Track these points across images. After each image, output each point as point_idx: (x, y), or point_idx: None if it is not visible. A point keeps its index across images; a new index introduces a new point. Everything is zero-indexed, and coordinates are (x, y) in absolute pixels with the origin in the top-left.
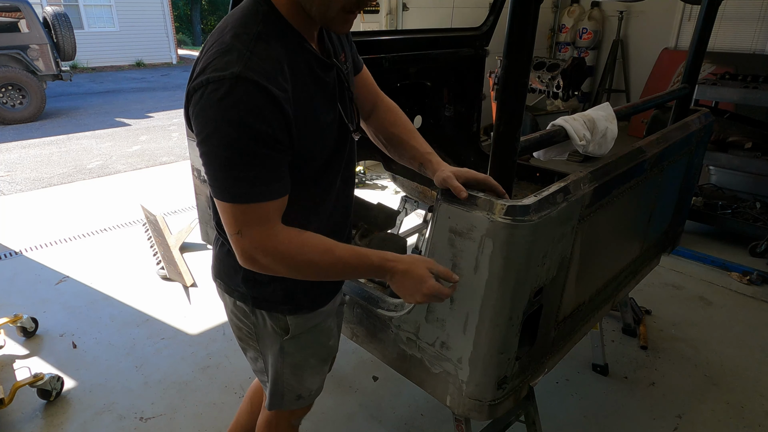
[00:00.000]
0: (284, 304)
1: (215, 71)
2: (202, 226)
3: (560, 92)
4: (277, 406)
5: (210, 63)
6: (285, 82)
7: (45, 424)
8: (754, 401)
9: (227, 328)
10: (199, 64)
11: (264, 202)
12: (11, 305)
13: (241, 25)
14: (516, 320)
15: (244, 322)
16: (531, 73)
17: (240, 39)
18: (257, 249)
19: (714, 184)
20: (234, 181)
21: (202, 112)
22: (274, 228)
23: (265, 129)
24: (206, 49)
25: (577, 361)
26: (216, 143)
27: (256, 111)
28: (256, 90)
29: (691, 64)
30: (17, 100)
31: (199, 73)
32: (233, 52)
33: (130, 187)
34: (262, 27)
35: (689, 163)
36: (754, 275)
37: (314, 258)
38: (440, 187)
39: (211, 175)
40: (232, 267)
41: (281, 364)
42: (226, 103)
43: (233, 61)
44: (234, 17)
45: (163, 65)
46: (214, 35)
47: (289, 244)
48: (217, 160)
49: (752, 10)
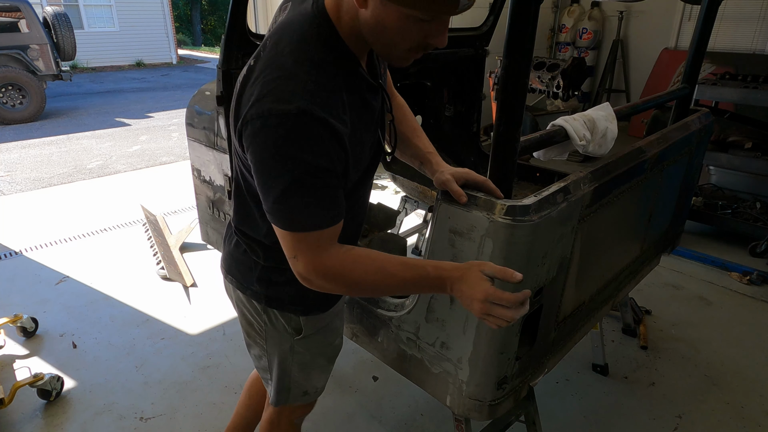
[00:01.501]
0: (297, 305)
1: (278, 102)
2: (202, 226)
3: (560, 92)
4: (283, 401)
5: (271, 90)
6: (344, 115)
7: (45, 424)
8: (754, 401)
9: (227, 328)
10: (254, 85)
11: (323, 230)
12: (11, 305)
13: (302, 49)
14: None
15: (255, 319)
16: (531, 73)
17: (302, 66)
18: (312, 272)
19: (714, 184)
20: (292, 212)
21: (263, 144)
22: (328, 251)
23: (326, 164)
24: (262, 69)
25: (577, 361)
26: (276, 175)
27: (319, 147)
28: (321, 126)
29: (691, 64)
30: (17, 100)
31: (258, 100)
32: (296, 80)
33: (130, 187)
34: (324, 53)
35: (689, 163)
36: (754, 275)
37: (368, 277)
38: (439, 188)
39: (269, 202)
40: (246, 265)
41: (290, 363)
42: (290, 138)
43: (297, 92)
44: (292, 36)
45: (163, 65)
46: (269, 52)
47: (342, 265)
48: (276, 191)
49: (752, 10)
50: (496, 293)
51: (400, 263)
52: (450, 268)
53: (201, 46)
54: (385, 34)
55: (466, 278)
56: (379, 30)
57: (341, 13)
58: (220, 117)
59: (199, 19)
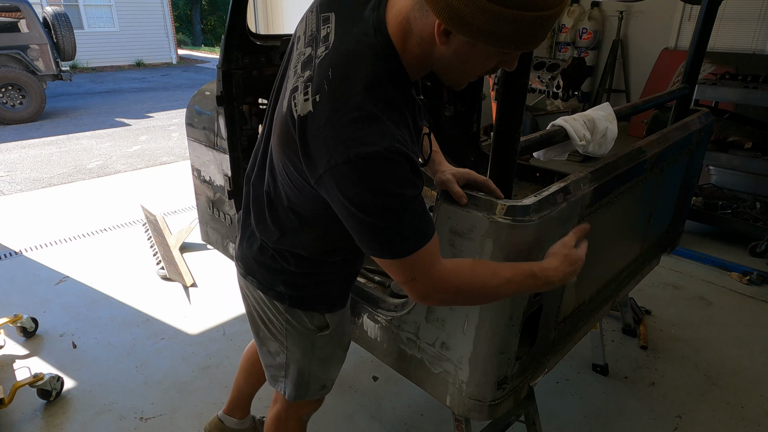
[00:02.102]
0: (323, 304)
1: (364, 145)
2: (202, 226)
3: (560, 92)
4: (302, 396)
5: (354, 134)
6: (414, 146)
7: (45, 424)
8: (754, 401)
9: (227, 328)
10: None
11: (427, 244)
12: (11, 305)
13: (376, 88)
14: (516, 320)
15: (276, 318)
16: (531, 73)
17: (378, 105)
18: (433, 289)
19: (714, 184)
20: (394, 241)
21: (355, 188)
22: (442, 265)
23: (415, 192)
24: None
25: (577, 361)
26: (374, 214)
27: (407, 179)
28: (406, 161)
29: (691, 64)
30: (17, 100)
31: (341, 143)
32: (377, 122)
33: (130, 187)
34: (396, 90)
35: (689, 163)
36: (754, 275)
37: (486, 282)
38: (440, 188)
39: (370, 241)
40: (272, 269)
41: (310, 359)
42: (383, 177)
43: (380, 132)
44: (363, 71)
45: (163, 65)
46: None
47: (460, 275)
48: (376, 228)
49: (752, 10)
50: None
51: (511, 268)
52: (551, 265)
53: (201, 46)
54: (464, 67)
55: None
56: (457, 64)
57: (408, 45)
58: (220, 117)
59: (199, 19)
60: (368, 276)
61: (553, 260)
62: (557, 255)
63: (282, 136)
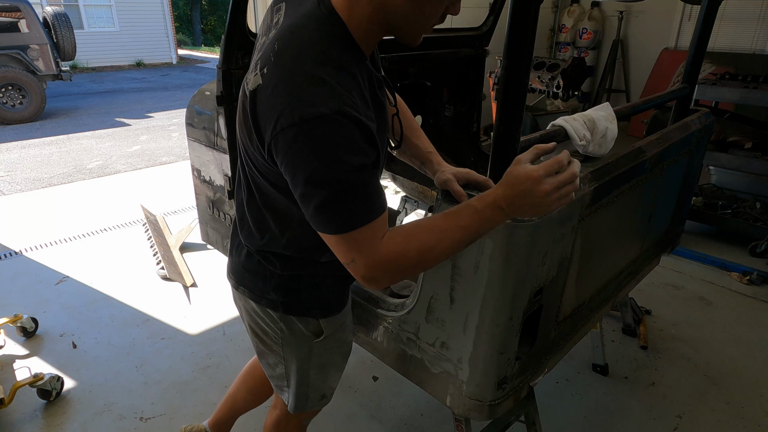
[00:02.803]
0: (317, 308)
1: (309, 107)
2: (202, 226)
3: (560, 92)
4: (302, 408)
5: (298, 97)
6: (369, 111)
7: (45, 424)
8: (754, 401)
9: (227, 328)
10: (274, 95)
11: (371, 222)
12: (11, 305)
13: (320, 51)
14: (516, 320)
15: (271, 327)
16: (531, 73)
17: (324, 68)
18: (374, 269)
19: (714, 184)
20: (340, 213)
21: (300, 152)
22: (380, 243)
23: (365, 160)
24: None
25: (577, 361)
26: (317, 181)
27: (356, 145)
28: (355, 125)
29: (691, 64)
30: (17, 100)
31: (286, 108)
32: (322, 84)
33: (130, 187)
34: (343, 53)
35: (689, 163)
36: (754, 275)
37: (427, 245)
38: (441, 188)
39: (312, 210)
40: (261, 276)
41: (308, 366)
42: (328, 141)
43: (326, 94)
44: (306, 38)
45: (163, 65)
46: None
47: (398, 248)
48: (320, 196)
49: (752, 10)
50: (545, 168)
51: (444, 217)
52: (491, 192)
53: (201, 46)
54: (421, 18)
55: (512, 184)
56: (411, 13)
57: (355, 10)
58: (220, 117)
59: (199, 19)
60: None
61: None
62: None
63: (243, 121)
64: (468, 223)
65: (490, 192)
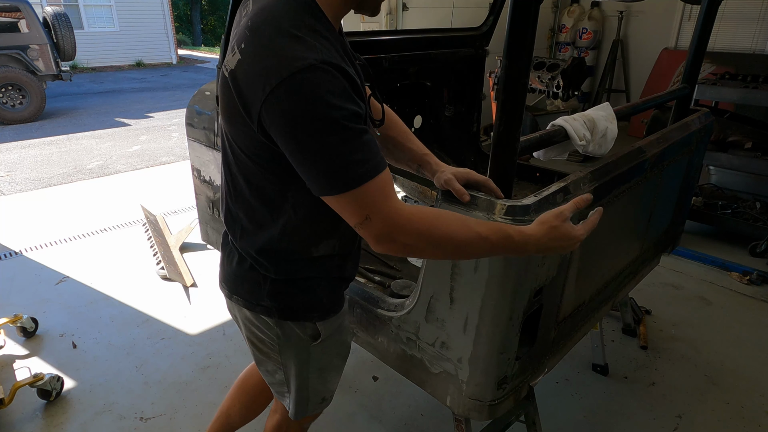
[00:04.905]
0: (313, 312)
1: (293, 61)
2: (202, 226)
3: (560, 92)
4: (302, 414)
5: (281, 57)
6: (350, 68)
7: (45, 424)
8: (754, 401)
9: (227, 328)
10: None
11: (380, 174)
12: (11, 305)
13: (294, 18)
14: (516, 320)
15: (267, 335)
16: (531, 73)
17: (300, 30)
18: (393, 225)
19: (714, 184)
20: (346, 168)
21: (293, 105)
22: (400, 204)
23: (356, 108)
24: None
25: (577, 361)
26: (315, 131)
27: (347, 94)
28: (340, 73)
29: (691, 64)
30: (17, 100)
31: (270, 71)
32: (301, 41)
33: (130, 187)
34: (315, 22)
35: (689, 163)
36: (754, 275)
37: (452, 231)
38: (441, 188)
39: (316, 172)
40: (254, 282)
41: (307, 370)
42: (318, 87)
43: (306, 49)
44: (280, 11)
45: (163, 65)
46: (256, 34)
47: (423, 217)
48: (324, 153)
49: (752, 10)
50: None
51: (480, 221)
52: (532, 232)
53: (201, 46)
54: None
55: (555, 238)
56: None
57: None
58: (220, 117)
59: (199, 19)
60: (368, 276)
61: (537, 228)
62: (544, 224)
63: (226, 107)
64: (498, 241)
65: (531, 232)
